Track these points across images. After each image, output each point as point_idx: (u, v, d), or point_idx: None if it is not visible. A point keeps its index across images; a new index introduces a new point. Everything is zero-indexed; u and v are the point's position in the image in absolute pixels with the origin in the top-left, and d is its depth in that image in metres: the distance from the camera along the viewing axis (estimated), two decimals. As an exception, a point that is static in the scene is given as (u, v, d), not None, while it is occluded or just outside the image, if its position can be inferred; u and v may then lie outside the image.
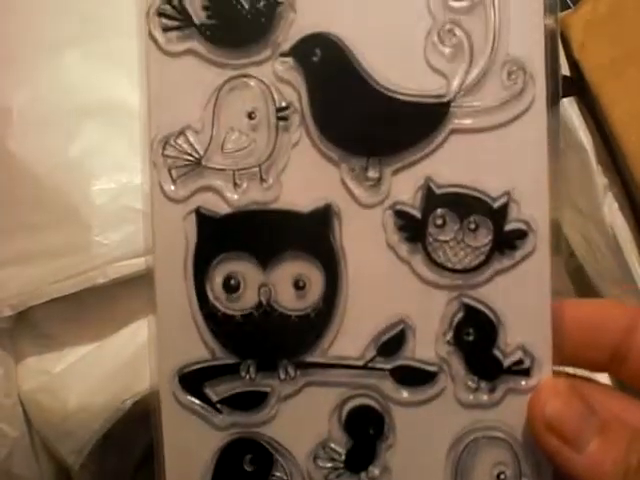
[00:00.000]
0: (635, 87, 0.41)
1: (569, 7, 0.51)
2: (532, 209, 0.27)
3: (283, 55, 0.28)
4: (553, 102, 0.27)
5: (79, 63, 0.44)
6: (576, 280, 0.46)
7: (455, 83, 0.27)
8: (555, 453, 0.26)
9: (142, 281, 0.29)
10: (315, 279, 0.28)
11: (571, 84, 0.40)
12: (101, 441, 0.43)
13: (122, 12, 0.32)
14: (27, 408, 0.44)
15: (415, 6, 0.27)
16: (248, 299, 0.28)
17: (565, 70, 0.40)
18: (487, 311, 0.27)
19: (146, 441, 0.29)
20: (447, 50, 0.27)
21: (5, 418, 0.43)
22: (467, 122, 0.27)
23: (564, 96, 0.40)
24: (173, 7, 0.28)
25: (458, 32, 0.27)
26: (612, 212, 0.42)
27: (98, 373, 0.43)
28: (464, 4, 0.27)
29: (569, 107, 0.41)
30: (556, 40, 0.27)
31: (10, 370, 0.44)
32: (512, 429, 0.28)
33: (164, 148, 0.28)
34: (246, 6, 0.28)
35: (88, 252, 0.41)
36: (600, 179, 0.42)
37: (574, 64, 0.41)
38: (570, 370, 0.29)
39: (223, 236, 0.29)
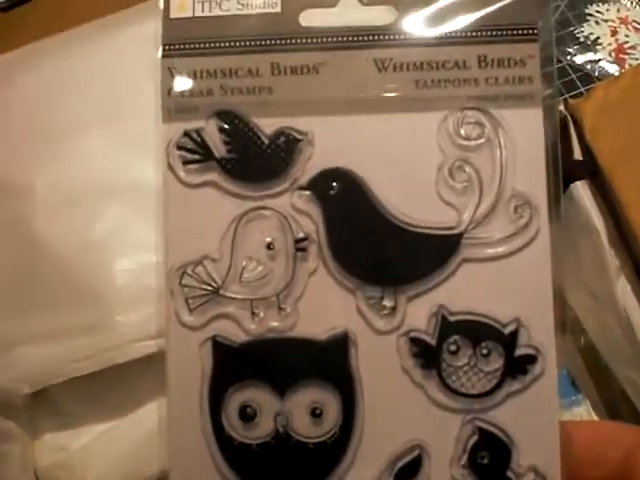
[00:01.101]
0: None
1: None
2: (540, 334, 0.28)
3: (302, 188, 0.29)
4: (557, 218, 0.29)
5: (102, 144, 0.45)
6: (588, 359, 0.47)
7: (466, 216, 0.29)
8: None
9: (162, 360, 0.30)
10: (331, 406, 0.29)
11: (583, 167, 0.41)
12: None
13: (144, 94, 0.34)
14: (44, 485, 0.44)
15: (426, 143, 0.29)
16: (264, 428, 0.29)
17: (578, 154, 0.42)
18: (500, 434, 0.28)
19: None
20: (458, 185, 0.29)
21: (21, 494, 0.43)
22: (477, 252, 0.29)
23: (577, 179, 0.41)
24: (193, 141, 0.29)
25: (467, 168, 0.29)
26: (625, 294, 0.43)
27: (115, 451, 0.43)
28: (472, 143, 0.29)
29: (581, 190, 0.42)
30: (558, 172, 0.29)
31: (27, 446, 0.44)
32: None
33: (182, 277, 0.29)
34: (266, 142, 0.29)
35: (109, 332, 0.42)
36: (612, 261, 0.43)
37: (587, 148, 0.42)
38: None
39: (240, 364, 0.29)
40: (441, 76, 0.29)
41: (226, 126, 0.29)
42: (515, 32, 0.29)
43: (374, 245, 0.29)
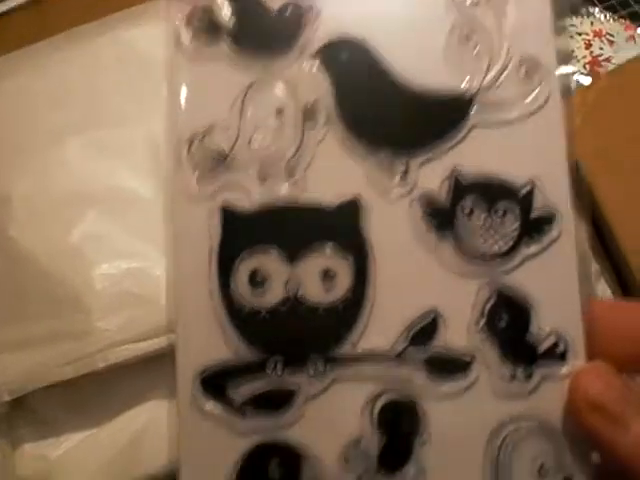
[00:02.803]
0: (625, 174, 0.43)
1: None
2: (555, 195, 0.28)
3: (310, 57, 0.29)
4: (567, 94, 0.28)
5: (79, 152, 0.45)
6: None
7: (476, 80, 0.28)
8: (600, 434, 0.25)
9: (141, 366, 0.29)
10: (343, 271, 0.28)
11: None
12: (100, 528, 0.41)
13: (122, 103, 0.33)
14: (24, 495, 0.42)
15: (434, 10, 0.29)
16: (274, 294, 0.28)
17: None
18: (518, 296, 0.27)
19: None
20: (467, 50, 0.29)
21: (1, 505, 0.41)
22: (488, 116, 0.28)
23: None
24: (201, 14, 0.29)
25: (477, 34, 0.29)
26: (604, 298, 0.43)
27: (96, 459, 0.42)
28: (480, 8, 0.29)
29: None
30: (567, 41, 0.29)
31: (7, 456, 0.42)
32: (550, 417, 0.27)
33: (190, 147, 0.29)
34: (274, 14, 0.29)
35: (89, 337, 0.41)
36: (592, 265, 0.43)
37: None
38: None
39: (249, 232, 0.28)
40: (447, -50, 0.30)
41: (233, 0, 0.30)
42: None
43: (384, 110, 0.29)
